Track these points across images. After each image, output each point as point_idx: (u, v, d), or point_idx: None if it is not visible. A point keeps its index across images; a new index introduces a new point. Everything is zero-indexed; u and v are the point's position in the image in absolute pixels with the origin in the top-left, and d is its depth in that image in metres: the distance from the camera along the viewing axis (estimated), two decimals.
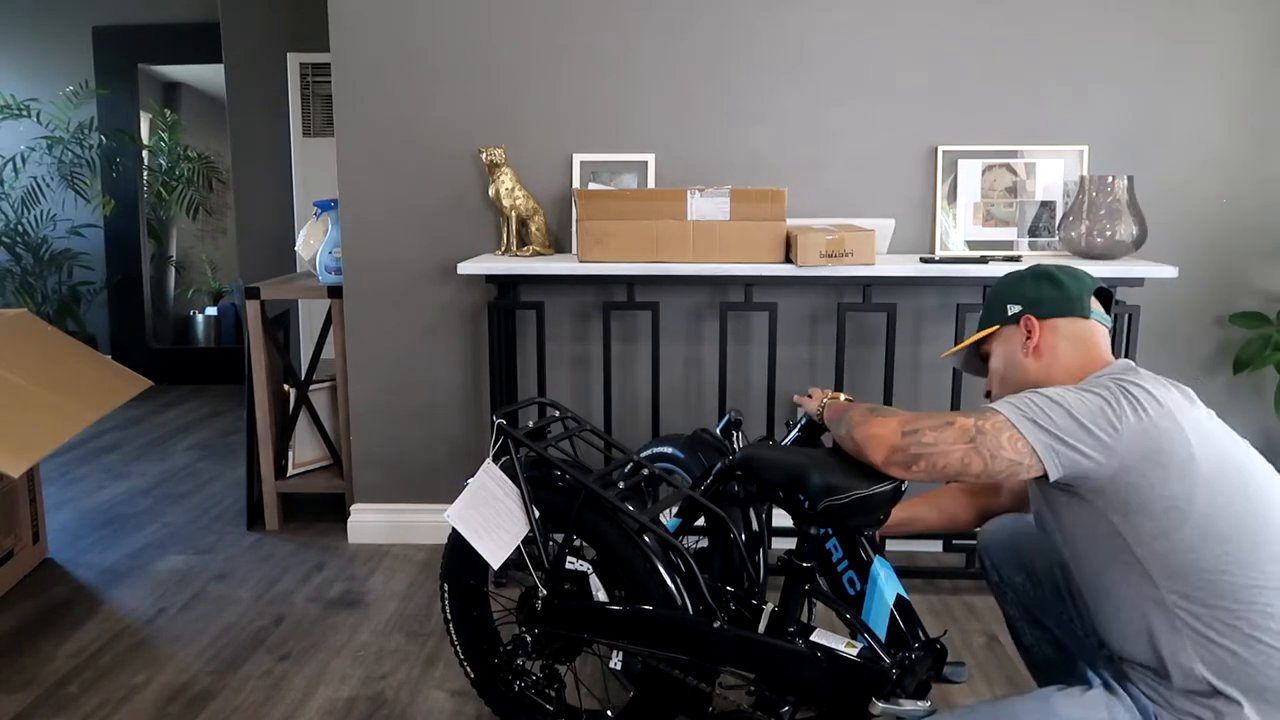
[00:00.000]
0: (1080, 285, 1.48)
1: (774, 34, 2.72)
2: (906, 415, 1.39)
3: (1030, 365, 1.46)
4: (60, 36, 5.25)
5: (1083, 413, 1.26)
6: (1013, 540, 1.67)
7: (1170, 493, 1.22)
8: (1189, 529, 1.22)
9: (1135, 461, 1.23)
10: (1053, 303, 1.46)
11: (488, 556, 1.68)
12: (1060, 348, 1.44)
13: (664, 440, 2.05)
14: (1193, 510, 1.22)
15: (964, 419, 1.32)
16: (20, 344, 2.63)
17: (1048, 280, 1.49)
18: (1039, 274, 1.51)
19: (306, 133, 4.18)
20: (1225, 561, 1.21)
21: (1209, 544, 1.22)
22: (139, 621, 2.49)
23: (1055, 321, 1.46)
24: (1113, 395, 1.26)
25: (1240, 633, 1.21)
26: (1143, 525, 1.25)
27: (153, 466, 3.87)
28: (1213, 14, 2.66)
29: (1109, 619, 1.34)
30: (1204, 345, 2.82)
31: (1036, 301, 1.48)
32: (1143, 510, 1.24)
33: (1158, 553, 1.24)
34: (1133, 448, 1.23)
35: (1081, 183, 2.53)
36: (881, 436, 1.38)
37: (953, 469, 1.31)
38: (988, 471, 1.29)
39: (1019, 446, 1.27)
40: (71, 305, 5.34)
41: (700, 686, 1.62)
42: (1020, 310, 1.49)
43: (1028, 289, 1.50)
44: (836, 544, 1.68)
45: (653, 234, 2.48)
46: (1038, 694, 1.35)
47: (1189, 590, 1.23)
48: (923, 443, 1.33)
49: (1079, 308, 1.46)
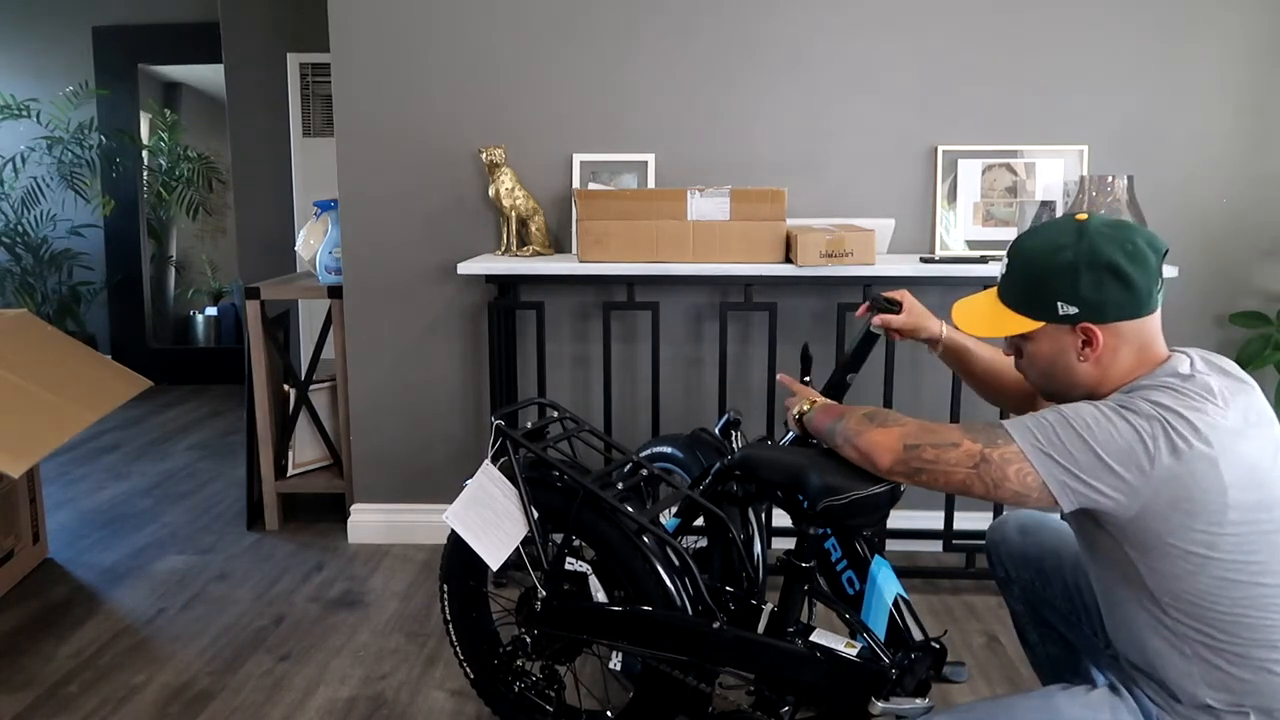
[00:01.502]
0: (1149, 274, 1.23)
1: (774, 34, 2.72)
2: (910, 426, 1.33)
3: (1085, 370, 1.28)
4: (60, 36, 5.25)
5: (1110, 450, 1.15)
6: (1022, 537, 1.65)
7: (1192, 539, 1.16)
8: (1207, 574, 1.17)
9: (1161, 507, 1.15)
10: (1118, 308, 1.23)
11: (486, 558, 1.68)
12: (1121, 350, 1.25)
13: (663, 440, 2.05)
14: (1213, 558, 1.16)
15: (970, 443, 1.24)
16: (20, 344, 2.63)
17: (1113, 277, 1.22)
18: (1102, 265, 1.22)
19: (306, 133, 4.18)
20: (1242, 605, 1.17)
21: (1226, 589, 1.17)
22: (139, 621, 2.49)
23: (1119, 326, 1.24)
24: (1150, 428, 1.15)
25: (1252, 664, 1.19)
26: (1158, 565, 1.19)
27: (153, 466, 3.87)
28: (1213, 14, 2.66)
29: (1117, 629, 1.32)
30: (1204, 345, 2.81)
31: (1100, 307, 1.23)
32: (1159, 552, 1.18)
33: (1172, 591, 1.20)
34: (1160, 493, 1.15)
35: (1081, 182, 2.53)
36: (884, 445, 1.33)
37: (954, 488, 1.27)
38: (990, 496, 1.23)
39: (1027, 481, 1.19)
40: (71, 305, 5.34)
41: (700, 687, 1.62)
42: (1077, 314, 1.25)
43: (1087, 288, 1.23)
44: (835, 544, 1.68)
45: (653, 234, 2.48)
46: (1040, 692, 1.34)
47: (1202, 625, 1.20)
48: (924, 459, 1.28)
49: (1149, 304, 1.24)
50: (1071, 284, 1.24)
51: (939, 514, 2.79)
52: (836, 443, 1.45)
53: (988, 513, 2.82)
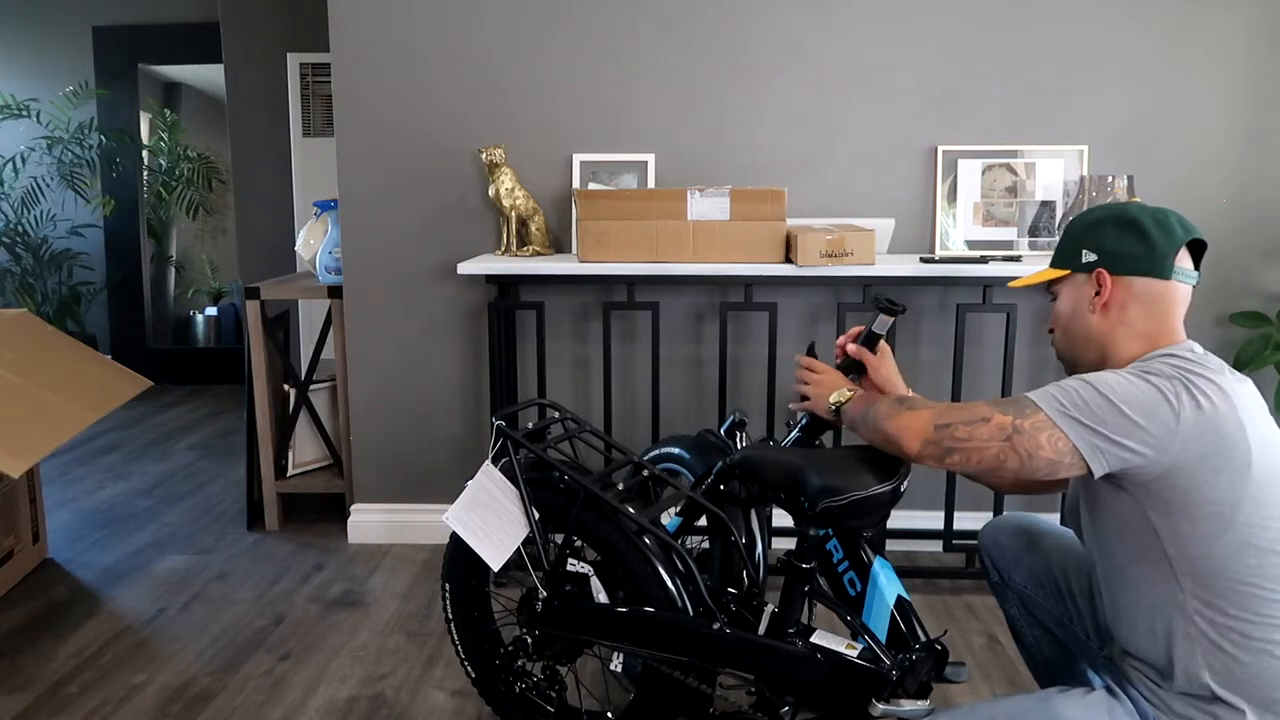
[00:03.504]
0: (1170, 240, 1.31)
1: (774, 34, 2.72)
2: (940, 407, 1.34)
3: (1095, 321, 1.35)
4: (60, 36, 5.25)
5: (1136, 407, 1.18)
6: (1013, 540, 1.66)
7: (1217, 498, 1.17)
8: (1228, 538, 1.18)
9: (1188, 461, 1.17)
10: (1133, 260, 1.32)
11: (487, 559, 1.67)
12: (1131, 310, 1.32)
13: (670, 441, 2.05)
14: (1236, 519, 1.17)
15: (1000, 415, 1.26)
16: (20, 344, 2.63)
17: (1134, 231, 1.33)
18: (1126, 220, 1.34)
19: (306, 133, 4.17)
20: (1257, 574, 1.18)
21: (1244, 555, 1.18)
22: (139, 621, 2.49)
23: (1131, 280, 1.32)
24: (1172, 386, 1.19)
25: (1255, 647, 1.19)
26: (1181, 527, 1.21)
27: (153, 466, 3.87)
28: (1213, 14, 2.66)
29: (1123, 611, 1.32)
30: (1204, 345, 2.80)
31: (1116, 255, 1.33)
32: (1184, 512, 1.19)
33: (1190, 556, 1.21)
34: (1188, 446, 1.17)
35: (1081, 182, 2.53)
36: (914, 428, 1.33)
37: (988, 465, 1.27)
38: (1025, 469, 1.24)
39: (1059, 446, 1.21)
40: (71, 305, 5.34)
41: (700, 688, 1.62)
42: (1095, 261, 1.35)
43: (1108, 238, 1.34)
44: (837, 545, 1.67)
45: (653, 234, 2.48)
46: (1039, 695, 1.34)
47: (1212, 599, 1.21)
48: (956, 437, 1.29)
49: (1162, 268, 1.31)
50: (1096, 234, 1.36)
51: (939, 514, 2.79)
52: (868, 426, 1.45)
53: (987, 513, 2.82)
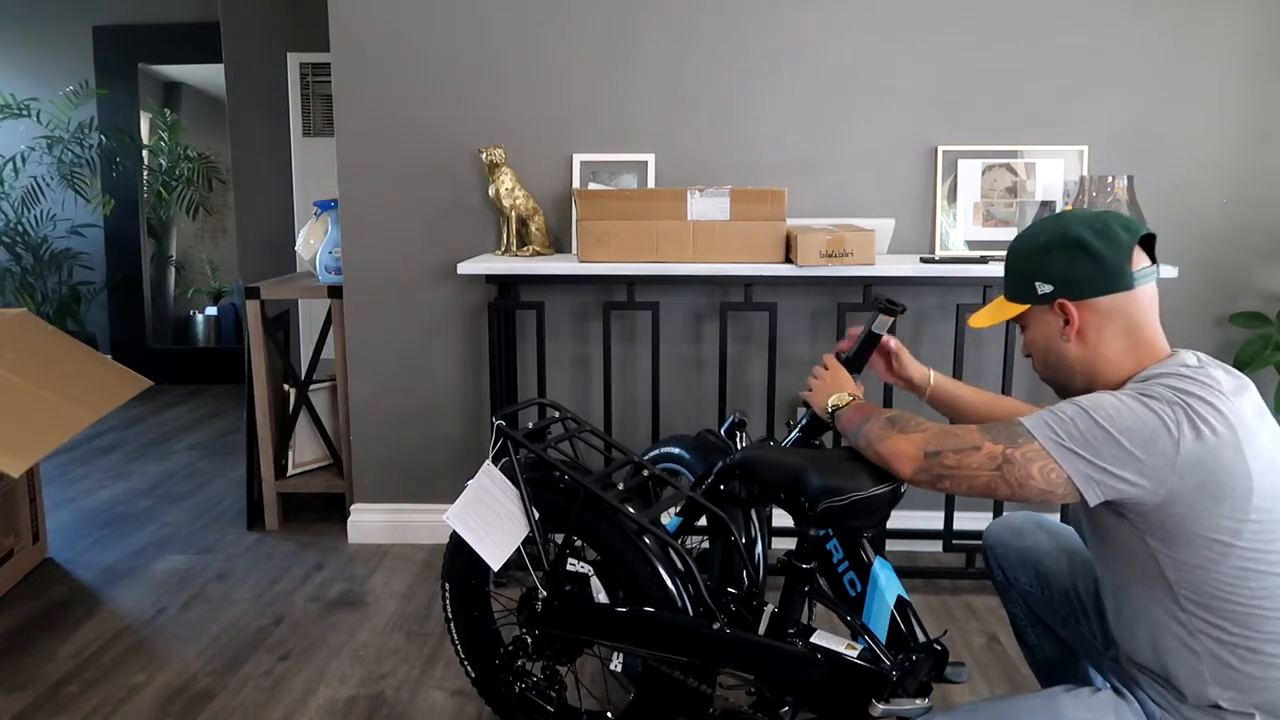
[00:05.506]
0: (1118, 250, 1.26)
1: (774, 34, 2.72)
2: (931, 431, 1.32)
3: (1073, 350, 1.31)
4: (60, 36, 5.25)
5: (1133, 437, 1.16)
6: (1019, 539, 1.65)
7: (1217, 526, 1.16)
8: (1229, 564, 1.17)
9: (1187, 491, 1.15)
10: (1090, 282, 1.27)
11: (487, 558, 1.68)
12: (1106, 331, 1.28)
13: (670, 441, 2.05)
14: (1237, 546, 1.16)
15: (991, 444, 1.24)
16: (20, 344, 2.62)
17: (1081, 251, 1.27)
18: (1069, 242, 1.28)
19: (306, 133, 4.17)
20: (1260, 596, 1.17)
21: (1247, 579, 1.17)
22: (139, 621, 2.49)
23: (1095, 302, 1.27)
24: (1173, 414, 1.15)
25: (1262, 661, 1.19)
26: (1181, 554, 1.19)
27: (153, 466, 3.87)
28: (1213, 15, 2.66)
29: (1126, 624, 1.32)
30: (1204, 345, 2.82)
31: (1071, 282, 1.28)
32: (1184, 540, 1.18)
33: (1190, 581, 1.20)
34: (1186, 478, 1.15)
35: (1081, 183, 2.53)
36: (906, 454, 1.32)
37: (979, 491, 1.26)
38: (1017, 497, 1.23)
39: (1052, 477, 1.19)
40: (71, 305, 5.33)
41: (700, 688, 1.62)
42: (1052, 292, 1.30)
43: (1056, 264, 1.29)
44: (837, 545, 1.67)
45: (652, 234, 2.48)
46: (1044, 694, 1.33)
47: (1216, 619, 1.20)
48: (945, 465, 1.28)
49: (1120, 280, 1.26)
50: (1044, 262, 1.31)
51: (939, 514, 2.79)
52: (860, 444, 1.45)
53: (987, 513, 2.82)
